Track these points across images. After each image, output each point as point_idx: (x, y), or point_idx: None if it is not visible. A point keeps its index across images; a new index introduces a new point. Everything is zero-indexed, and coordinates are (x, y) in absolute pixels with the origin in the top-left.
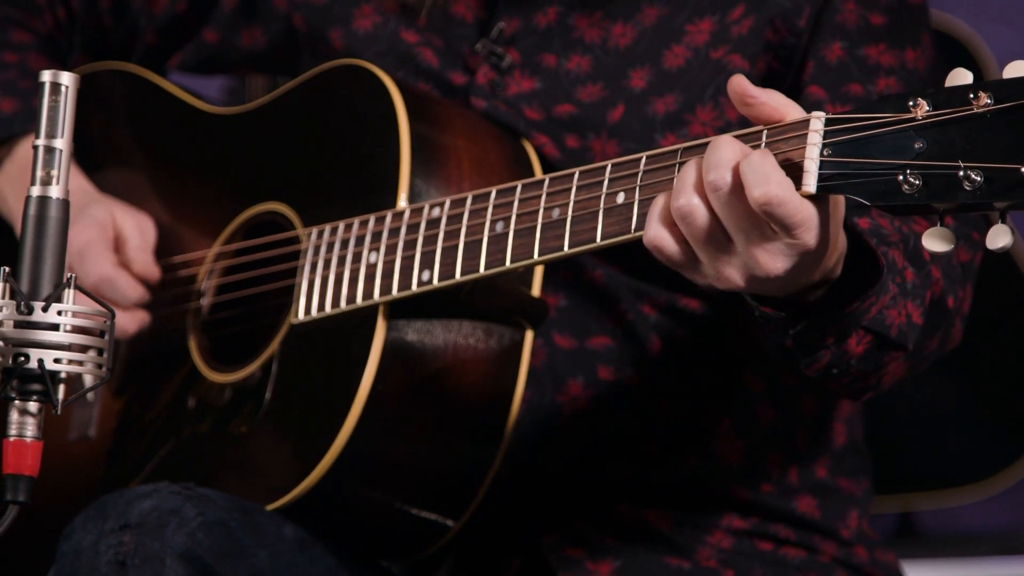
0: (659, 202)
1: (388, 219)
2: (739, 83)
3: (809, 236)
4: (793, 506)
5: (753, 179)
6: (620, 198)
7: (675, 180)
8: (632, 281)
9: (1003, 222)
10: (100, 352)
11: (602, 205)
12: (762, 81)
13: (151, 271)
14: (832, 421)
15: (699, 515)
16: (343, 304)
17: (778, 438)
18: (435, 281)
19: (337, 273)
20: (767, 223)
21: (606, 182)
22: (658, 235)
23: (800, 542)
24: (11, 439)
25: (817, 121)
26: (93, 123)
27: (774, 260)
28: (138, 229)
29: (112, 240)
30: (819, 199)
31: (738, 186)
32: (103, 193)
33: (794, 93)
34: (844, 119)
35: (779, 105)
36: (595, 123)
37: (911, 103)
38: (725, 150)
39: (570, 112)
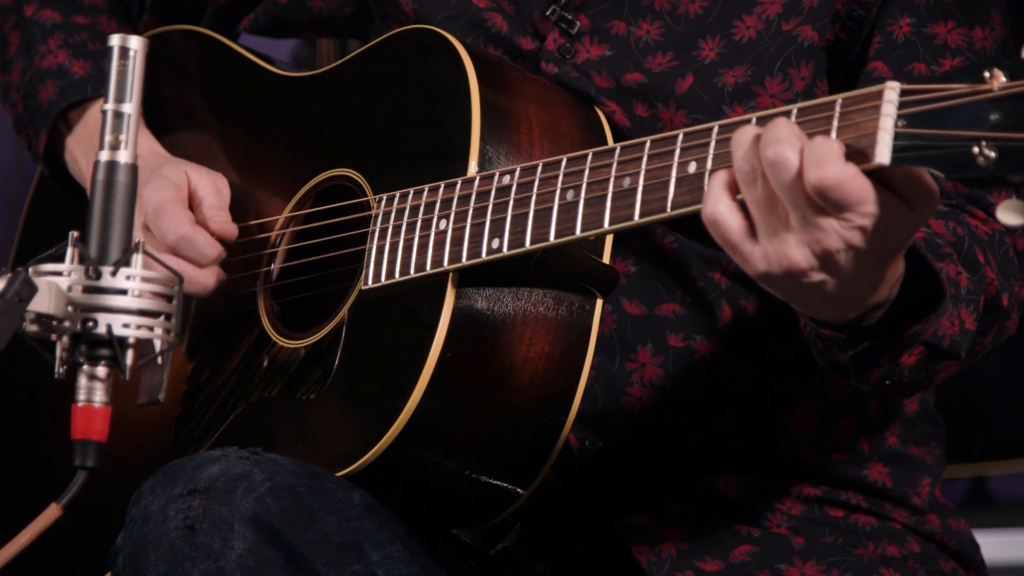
0: (720, 176)
1: (458, 186)
2: None
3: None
4: (864, 473)
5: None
6: (692, 167)
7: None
8: (703, 248)
9: None
10: (168, 317)
11: (674, 174)
12: (827, 53)
13: (229, 229)
14: None
15: (769, 482)
16: (412, 271)
17: (849, 405)
18: (505, 249)
19: (407, 240)
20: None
21: (678, 151)
22: (717, 209)
23: (871, 509)
24: (80, 404)
25: (892, 92)
26: (163, 86)
27: (829, 238)
28: (214, 188)
29: (187, 199)
30: (883, 187)
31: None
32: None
33: (857, 67)
34: (919, 90)
35: None
36: (663, 93)
37: (987, 74)
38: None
39: (639, 80)
